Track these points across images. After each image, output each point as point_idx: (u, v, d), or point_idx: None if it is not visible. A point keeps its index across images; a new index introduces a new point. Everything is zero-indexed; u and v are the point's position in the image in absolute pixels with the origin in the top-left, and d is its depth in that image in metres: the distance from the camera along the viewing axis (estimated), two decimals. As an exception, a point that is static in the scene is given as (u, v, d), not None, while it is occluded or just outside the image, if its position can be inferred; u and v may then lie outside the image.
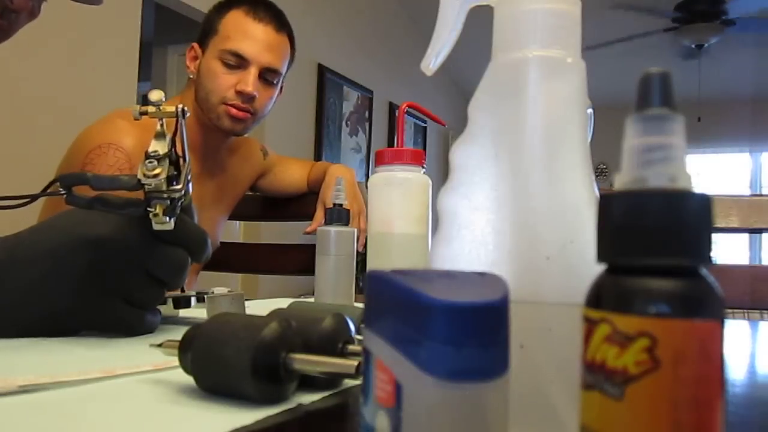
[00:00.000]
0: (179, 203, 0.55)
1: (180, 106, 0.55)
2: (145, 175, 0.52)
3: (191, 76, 1.12)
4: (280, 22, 1.12)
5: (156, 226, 0.53)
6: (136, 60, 2.52)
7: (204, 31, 1.12)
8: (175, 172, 0.56)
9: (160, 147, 0.54)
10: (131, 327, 0.58)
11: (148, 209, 0.53)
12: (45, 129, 2.04)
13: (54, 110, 2.08)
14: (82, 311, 0.56)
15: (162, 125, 0.55)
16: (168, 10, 2.88)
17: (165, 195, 0.53)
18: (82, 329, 0.58)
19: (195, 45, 1.13)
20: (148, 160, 0.53)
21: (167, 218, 0.53)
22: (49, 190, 0.54)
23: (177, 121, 0.56)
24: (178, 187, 0.54)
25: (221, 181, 1.21)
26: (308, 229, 1.20)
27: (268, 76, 1.10)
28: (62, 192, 0.53)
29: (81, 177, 0.54)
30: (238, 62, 1.07)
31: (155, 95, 0.55)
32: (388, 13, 4.83)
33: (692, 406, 0.20)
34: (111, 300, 0.56)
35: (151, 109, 0.55)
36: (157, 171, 0.53)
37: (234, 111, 1.08)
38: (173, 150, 0.55)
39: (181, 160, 0.57)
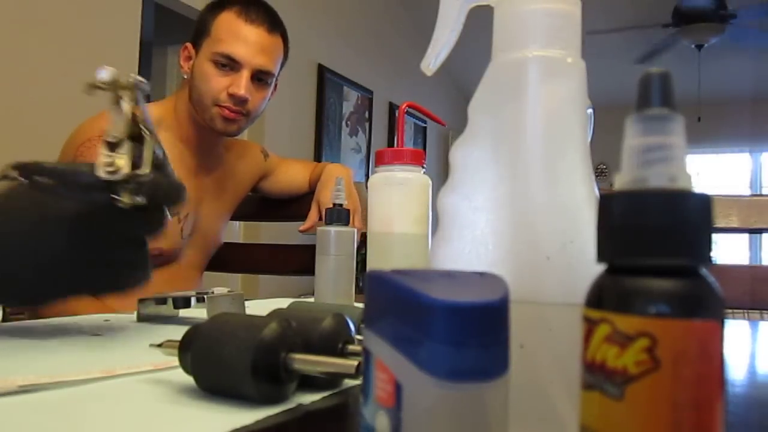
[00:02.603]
0: (149, 179, 0.52)
1: (133, 75, 0.52)
2: (105, 171, 0.49)
3: (185, 76, 1.13)
4: (272, 22, 1.12)
5: (125, 205, 0.51)
6: (136, 60, 2.52)
7: (197, 31, 1.12)
8: (139, 154, 0.52)
9: (117, 130, 0.51)
10: (119, 284, 0.57)
11: (113, 196, 0.50)
12: (45, 128, 2.04)
13: (54, 110, 2.08)
14: (68, 279, 0.55)
15: (120, 104, 0.52)
16: (168, 10, 2.88)
17: (129, 183, 0.51)
18: (73, 296, 0.57)
19: (188, 45, 1.13)
20: (105, 153, 0.50)
21: (137, 198, 0.51)
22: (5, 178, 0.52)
23: (135, 96, 0.53)
24: (143, 172, 0.52)
25: (219, 176, 1.22)
26: (302, 228, 1.20)
27: (260, 77, 1.10)
28: (22, 179, 0.51)
29: (39, 167, 0.52)
30: (231, 65, 1.07)
31: (107, 73, 0.51)
32: (388, 13, 4.83)
33: (692, 406, 0.20)
34: (94, 267, 0.55)
35: (102, 83, 0.51)
36: (117, 163, 0.50)
37: (226, 113, 1.08)
38: (135, 126, 0.52)
39: (145, 136, 0.53)
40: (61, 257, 0.54)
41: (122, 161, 0.51)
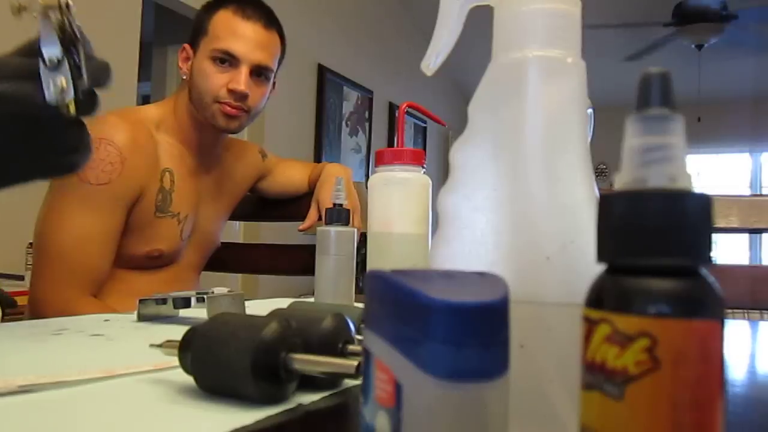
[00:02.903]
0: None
1: None
2: (54, 95, 0.51)
3: (184, 77, 1.13)
4: (268, 19, 1.13)
5: (72, 116, 0.54)
6: (136, 60, 2.52)
7: (194, 31, 1.13)
8: (77, 61, 0.53)
9: (53, 50, 0.52)
10: (65, 166, 0.59)
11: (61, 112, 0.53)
12: (45, 129, 2.04)
13: (54, 110, 2.08)
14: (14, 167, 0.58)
15: (48, 23, 0.52)
16: (168, 10, 2.88)
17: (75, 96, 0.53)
18: (23, 181, 0.59)
19: (186, 46, 1.13)
20: (50, 78, 0.51)
21: (81, 106, 0.54)
22: None
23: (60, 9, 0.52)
24: (84, 79, 0.54)
25: (218, 177, 1.22)
26: (302, 227, 1.20)
27: (259, 72, 1.11)
28: None
29: None
30: (229, 60, 1.08)
31: None
32: (389, 13, 4.83)
33: (692, 406, 0.20)
34: (37, 152, 0.57)
35: (24, 2, 0.51)
36: (62, 86, 0.52)
37: (227, 109, 1.09)
38: (66, 38, 0.52)
39: (76, 45, 0.53)
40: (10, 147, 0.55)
41: (64, 82, 0.52)
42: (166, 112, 1.13)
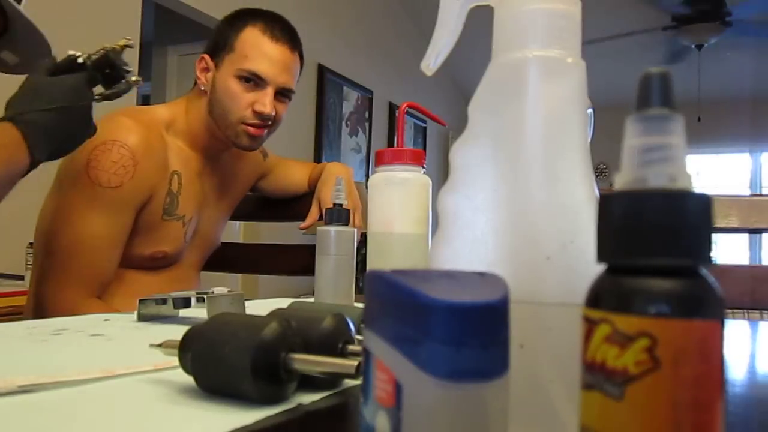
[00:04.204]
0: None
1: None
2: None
3: (203, 88, 1.12)
4: (294, 40, 1.14)
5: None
6: (136, 60, 2.52)
7: (217, 43, 1.12)
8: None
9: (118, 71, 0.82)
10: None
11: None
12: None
13: (54, 110, 2.08)
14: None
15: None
16: (168, 10, 2.88)
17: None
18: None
19: (206, 57, 1.12)
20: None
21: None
22: None
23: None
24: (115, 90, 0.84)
25: (222, 180, 1.22)
26: (303, 225, 1.20)
27: (282, 93, 1.12)
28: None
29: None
30: (256, 81, 1.08)
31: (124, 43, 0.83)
32: (388, 13, 4.83)
33: (692, 406, 0.20)
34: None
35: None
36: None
37: (252, 130, 1.10)
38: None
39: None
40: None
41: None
42: (176, 115, 1.12)
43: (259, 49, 1.08)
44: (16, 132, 0.73)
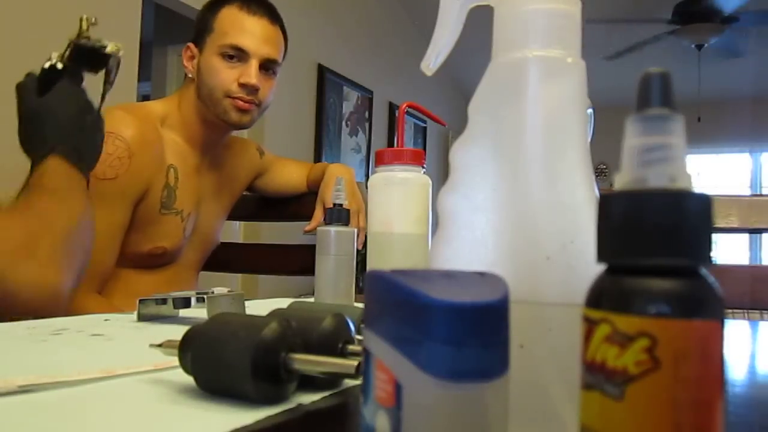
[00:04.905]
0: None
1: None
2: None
3: (190, 75, 1.13)
4: (272, 14, 1.14)
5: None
6: (136, 60, 2.52)
7: (198, 30, 1.13)
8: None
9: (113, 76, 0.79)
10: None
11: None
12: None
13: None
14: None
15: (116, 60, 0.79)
16: (168, 10, 2.87)
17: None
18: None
19: (191, 45, 1.14)
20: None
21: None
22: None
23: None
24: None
25: (219, 176, 1.22)
26: (307, 228, 1.20)
27: (267, 66, 1.12)
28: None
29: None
30: (239, 56, 1.09)
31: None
32: (388, 13, 4.83)
33: (692, 406, 0.20)
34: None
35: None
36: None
37: (240, 103, 1.09)
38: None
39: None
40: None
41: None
42: (170, 109, 1.13)
43: (238, 24, 1.09)
44: (68, 166, 0.73)
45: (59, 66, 0.75)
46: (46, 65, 0.75)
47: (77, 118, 0.75)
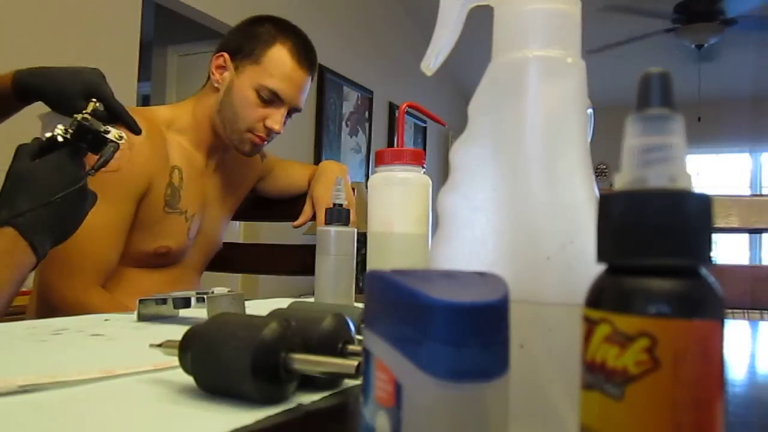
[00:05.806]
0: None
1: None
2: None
3: (216, 85, 1.12)
4: (314, 67, 1.16)
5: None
6: (136, 60, 2.52)
7: (240, 46, 1.12)
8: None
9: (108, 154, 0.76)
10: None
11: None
12: (45, 129, 2.04)
13: (54, 110, 2.08)
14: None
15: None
16: (168, 10, 2.88)
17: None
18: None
19: (225, 56, 1.12)
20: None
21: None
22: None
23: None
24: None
25: (224, 180, 1.22)
26: (296, 223, 1.21)
27: (291, 113, 1.15)
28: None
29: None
30: (272, 99, 1.11)
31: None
32: (388, 13, 4.83)
33: (692, 406, 0.20)
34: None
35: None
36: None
37: (258, 141, 1.13)
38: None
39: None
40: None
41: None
42: (180, 113, 1.14)
43: (284, 71, 1.11)
44: (18, 237, 0.70)
45: (60, 139, 0.74)
46: (48, 135, 0.75)
47: (57, 188, 0.72)
